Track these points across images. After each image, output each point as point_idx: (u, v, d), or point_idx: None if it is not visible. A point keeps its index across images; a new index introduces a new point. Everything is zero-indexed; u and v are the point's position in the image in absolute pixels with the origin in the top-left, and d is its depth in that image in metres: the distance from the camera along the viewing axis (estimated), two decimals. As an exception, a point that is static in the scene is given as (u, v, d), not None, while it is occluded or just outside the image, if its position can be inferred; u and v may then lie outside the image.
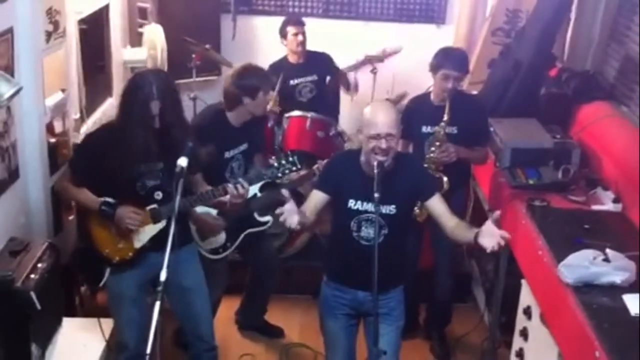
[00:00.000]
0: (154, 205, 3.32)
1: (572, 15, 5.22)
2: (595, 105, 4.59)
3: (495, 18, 5.93)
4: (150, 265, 3.32)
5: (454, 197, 4.18)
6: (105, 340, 3.60)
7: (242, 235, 4.05)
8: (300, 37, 5.45)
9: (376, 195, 3.01)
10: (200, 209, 3.73)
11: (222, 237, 3.98)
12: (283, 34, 5.50)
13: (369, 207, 3.18)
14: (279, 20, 5.73)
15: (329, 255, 3.50)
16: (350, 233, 3.25)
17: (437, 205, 3.25)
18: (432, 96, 4.19)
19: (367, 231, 3.21)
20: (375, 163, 3.07)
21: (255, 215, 4.09)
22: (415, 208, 3.71)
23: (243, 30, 6.56)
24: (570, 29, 5.30)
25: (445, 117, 3.98)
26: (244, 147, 4.01)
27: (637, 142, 4.04)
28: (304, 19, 5.65)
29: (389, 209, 3.19)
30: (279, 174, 3.42)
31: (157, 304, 2.60)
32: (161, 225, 3.32)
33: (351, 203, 3.22)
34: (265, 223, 4.12)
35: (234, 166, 3.99)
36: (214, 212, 3.83)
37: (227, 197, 3.39)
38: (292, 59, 5.54)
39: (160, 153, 3.24)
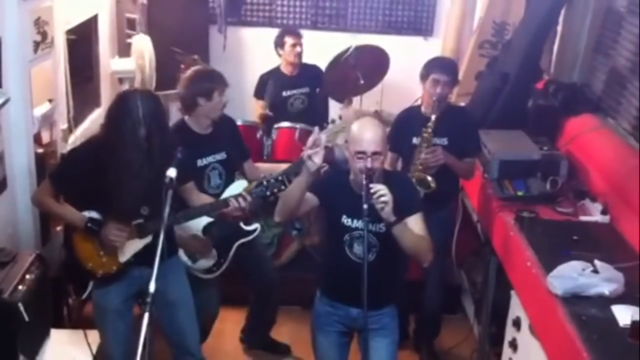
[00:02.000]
0: (140, 220, 3.28)
1: (559, 28, 5.26)
2: (582, 118, 4.62)
3: (482, 30, 5.97)
4: (134, 278, 3.31)
5: (444, 209, 4.21)
6: (92, 354, 3.58)
7: (233, 248, 4.02)
8: (298, 49, 5.45)
9: (365, 206, 2.98)
10: (183, 230, 3.73)
11: (213, 255, 3.95)
12: (280, 43, 5.48)
13: (360, 224, 3.16)
14: (267, 31, 5.75)
15: (322, 271, 3.47)
16: (344, 249, 3.23)
17: (414, 224, 3.17)
18: (422, 108, 4.20)
19: (359, 248, 3.19)
20: (364, 182, 3.05)
21: (242, 224, 4.07)
22: None
23: (232, 41, 6.59)
24: (557, 42, 5.33)
25: (433, 118, 3.98)
26: (221, 156, 3.96)
27: (624, 154, 4.08)
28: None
29: (379, 227, 3.17)
30: (267, 193, 3.44)
31: (146, 315, 2.59)
32: (147, 240, 3.29)
33: (344, 219, 3.21)
34: (253, 231, 4.09)
35: (211, 175, 3.94)
36: (199, 229, 3.81)
37: (227, 209, 3.42)
38: (286, 70, 5.54)
39: (146, 170, 3.18)
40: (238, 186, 3.88)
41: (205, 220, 3.75)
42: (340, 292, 3.30)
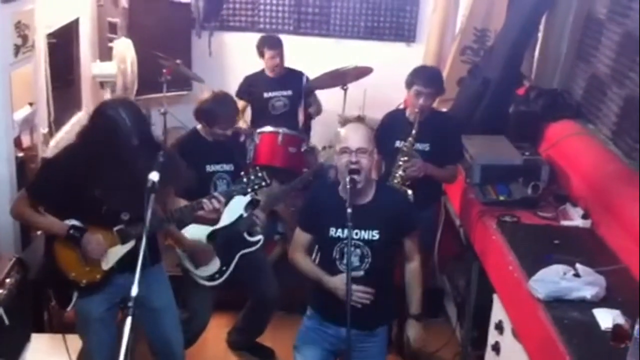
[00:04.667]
0: (122, 226, 3.25)
1: (540, 35, 5.31)
2: (562, 123, 4.67)
3: (464, 37, 6.00)
4: (118, 286, 3.27)
5: (426, 212, 4.21)
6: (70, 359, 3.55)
7: (236, 257, 4.02)
8: (277, 60, 5.48)
9: (349, 210, 2.96)
10: (189, 236, 3.81)
11: (216, 262, 3.97)
12: (260, 52, 5.52)
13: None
14: (249, 36, 5.73)
15: (314, 288, 3.30)
16: (334, 263, 3.15)
17: (409, 242, 3.23)
18: (407, 112, 4.21)
19: (350, 259, 3.06)
20: (347, 179, 3.05)
21: (245, 235, 4.07)
22: None
23: (214, 46, 6.58)
24: (538, 48, 5.38)
25: (414, 132, 4.00)
26: (229, 167, 4.04)
27: (605, 159, 4.12)
28: (278, 36, 5.68)
29: (372, 234, 3.10)
30: (249, 190, 3.44)
31: (129, 320, 2.56)
32: (129, 246, 3.26)
33: (332, 231, 3.15)
34: (256, 242, 4.11)
35: (218, 183, 4.00)
36: (203, 236, 3.88)
37: (202, 212, 3.42)
38: (270, 72, 5.56)
39: (129, 177, 3.10)
40: (237, 202, 3.92)
41: (209, 228, 3.85)
42: (331, 311, 3.19)
